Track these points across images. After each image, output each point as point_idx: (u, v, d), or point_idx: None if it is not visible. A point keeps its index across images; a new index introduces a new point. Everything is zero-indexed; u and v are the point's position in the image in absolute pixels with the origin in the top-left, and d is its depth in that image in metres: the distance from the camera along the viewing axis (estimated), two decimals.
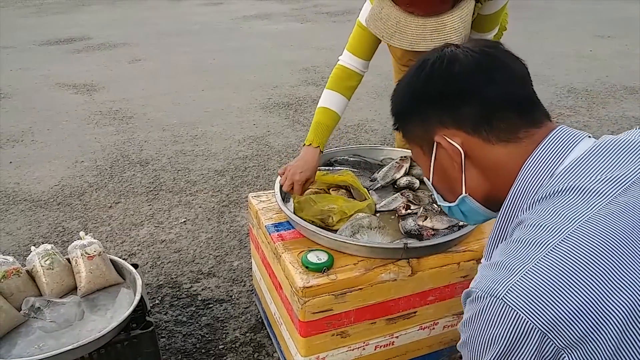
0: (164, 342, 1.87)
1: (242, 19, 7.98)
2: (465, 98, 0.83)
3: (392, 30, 1.51)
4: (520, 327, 0.66)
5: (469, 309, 0.74)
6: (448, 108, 0.84)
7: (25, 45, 6.58)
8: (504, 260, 0.72)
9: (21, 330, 1.49)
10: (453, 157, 0.85)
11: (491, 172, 0.84)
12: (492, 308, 0.69)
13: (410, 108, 0.91)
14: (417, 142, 0.92)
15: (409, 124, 0.92)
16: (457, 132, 0.84)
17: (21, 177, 3.13)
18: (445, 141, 0.85)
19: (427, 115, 0.87)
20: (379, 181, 1.79)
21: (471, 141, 0.83)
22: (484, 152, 0.83)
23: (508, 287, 0.68)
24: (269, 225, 1.58)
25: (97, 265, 1.62)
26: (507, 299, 0.67)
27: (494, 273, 0.71)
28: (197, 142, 3.58)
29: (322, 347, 1.41)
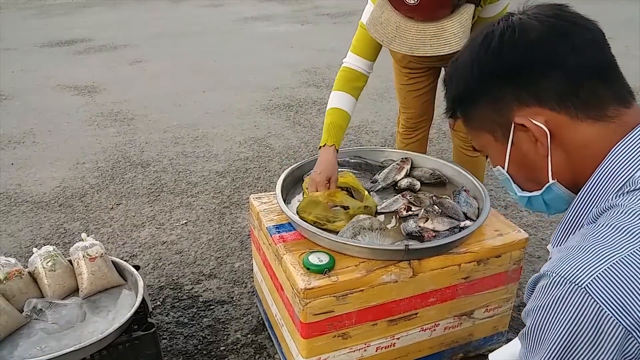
0: (165, 343, 1.87)
1: (243, 21, 7.99)
2: (546, 69, 0.73)
3: (392, 34, 1.52)
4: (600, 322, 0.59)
5: (539, 296, 0.65)
6: (526, 83, 0.74)
7: (27, 46, 6.59)
8: (588, 245, 0.63)
9: (23, 331, 1.49)
10: (538, 138, 0.75)
11: (577, 153, 0.75)
12: (572, 297, 0.61)
13: (477, 88, 0.79)
14: (486, 127, 0.81)
15: (476, 108, 0.81)
16: (540, 109, 0.74)
17: (22, 179, 3.14)
18: (529, 121, 0.74)
19: (501, 94, 0.76)
20: (380, 183, 1.79)
21: (556, 119, 0.74)
22: (571, 131, 0.74)
23: (593, 276, 0.60)
24: (270, 227, 1.58)
25: (98, 266, 1.63)
26: (590, 288, 0.60)
27: (576, 257, 0.63)
28: (198, 144, 3.58)
29: (323, 348, 1.41)
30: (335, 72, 1.83)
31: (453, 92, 0.84)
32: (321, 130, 1.66)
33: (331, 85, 1.83)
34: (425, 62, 2.07)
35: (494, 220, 1.61)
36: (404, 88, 2.20)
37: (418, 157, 1.92)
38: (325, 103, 4.52)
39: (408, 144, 2.31)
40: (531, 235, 2.43)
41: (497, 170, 0.85)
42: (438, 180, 1.80)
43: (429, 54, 1.49)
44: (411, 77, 2.14)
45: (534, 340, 0.67)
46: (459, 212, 1.58)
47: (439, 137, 3.56)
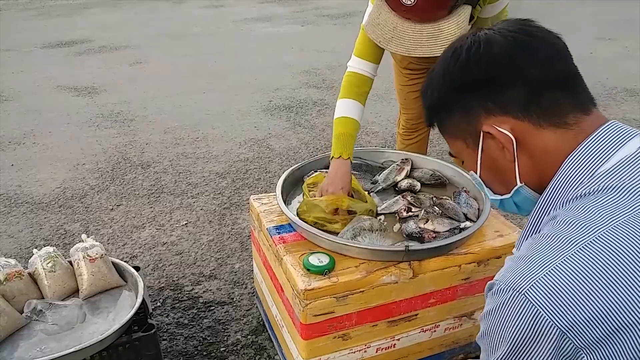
0: (165, 344, 1.87)
1: (243, 22, 7.99)
2: (509, 80, 0.78)
3: (389, 35, 1.52)
4: (539, 324, 0.65)
5: (490, 301, 0.72)
6: (492, 94, 0.80)
7: (27, 47, 6.60)
8: (530, 255, 0.70)
9: (23, 332, 1.49)
10: (505, 145, 0.80)
11: (540, 158, 0.80)
12: (513, 302, 0.67)
13: (448, 100, 0.85)
14: (459, 135, 0.87)
15: (449, 118, 0.87)
16: (505, 118, 0.79)
17: (23, 180, 3.14)
18: (495, 129, 0.80)
19: (470, 105, 0.82)
20: (380, 184, 1.79)
21: (521, 126, 0.79)
22: (534, 137, 0.79)
23: (531, 283, 0.66)
24: (271, 228, 1.58)
25: (98, 267, 1.63)
26: (529, 294, 0.66)
27: (519, 267, 0.69)
28: (199, 145, 3.58)
29: (323, 349, 1.41)
30: (336, 74, 1.84)
31: (428, 102, 0.89)
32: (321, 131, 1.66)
33: (332, 86, 1.84)
34: (426, 63, 2.07)
35: (494, 221, 1.61)
36: (404, 89, 2.20)
37: (418, 158, 1.92)
38: (326, 104, 4.52)
39: (408, 144, 2.31)
40: None
41: (471, 174, 0.92)
42: (438, 181, 1.80)
43: (426, 54, 1.50)
44: (411, 78, 2.14)
45: (489, 341, 0.74)
46: (459, 213, 1.58)
47: (439, 138, 3.56)
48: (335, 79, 4.85)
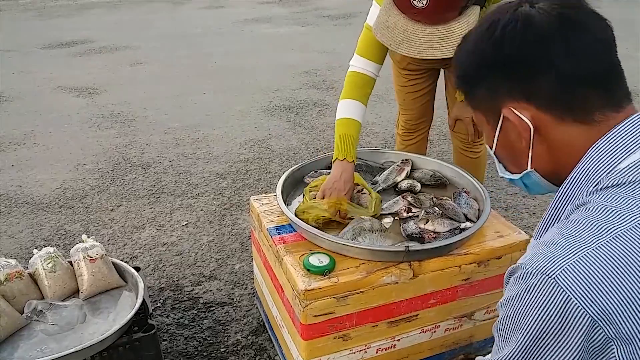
0: (165, 345, 1.87)
1: (244, 23, 7.99)
2: (540, 69, 0.75)
3: (399, 38, 1.52)
4: (568, 311, 0.62)
5: (513, 286, 0.69)
6: (519, 79, 0.77)
7: (28, 48, 6.60)
8: (560, 240, 0.67)
9: (23, 333, 1.49)
10: (521, 132, 0.79)
11: (559, 150, 0.78)
12: (542, 287, 0.64)
13: (477, 74, 0.82)
14: (481, 109, 0.85)
15: (475, 90, 0.85)
16: (528, 105, 0.77)
17: (23, 180, 3.14)
18: (514, 115, 0.78)
19: (496, 85, 0.80)
20: (380, 184, 1.79)
21: (542, 117, 0.77)
22: (555, 130, 0.77)
23: (563, 267, 0.63)
24: (271, 228, 1.58)
25: (99, 268, 1.63)
26: (560, 279, 0.63)
27: (549, 251, 0.66)
28: (199, 145, 3.58)
29: (323, 350, 1.41)
30: (336, 74, 1.84)
31: (457, 71, 0.87)
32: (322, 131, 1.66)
33: (332, 86, 1.84)
34: (425, 64, 2.07)
35: (495, 221, 1.61)
36: (403, 90, 2.20)
37: (418, 158, 1.92)
38: (326, 105, 4.52)
39: (407, 145, 2.31)
40: (531, 236, 2.43)
41: (487, 148, 0.91)
42: (438, 181, 1.81)
43: (437, 56, 1.49)
44: (410, 78, 2.14)
45: (507, 328, 0.70)
46: (459, 214, 1.58)
47: (439, 139, 3.56)
48: (335, 80, 4.85)
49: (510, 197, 2.83)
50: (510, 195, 2.85)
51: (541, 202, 2.76)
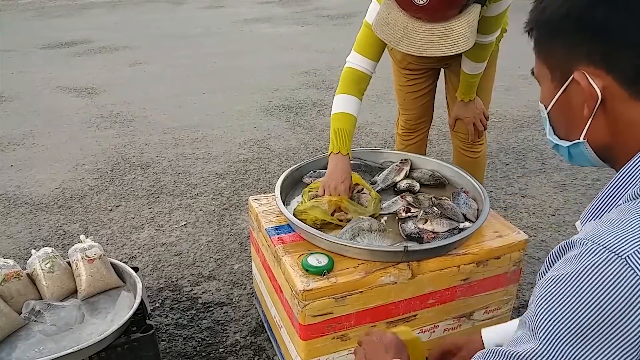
0: (164, 345, 1.87)
1: (243, 22, 7.99)
2: (631, 42, 0.68)
3: (399, 35, 1.52)
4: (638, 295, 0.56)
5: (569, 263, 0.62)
6: (605, 45, 0.70)
7: (27, 48, 6.60)
8: (631, 219, 0.61)
9: (21, 333, 1.49)
10: (587, 99, 0.73)
11: (622, 127, 0.73)
12: (609, 266, 0.58)
13: (559, 26, 0.75)
14: (550, 63, 0.79)
15: (549, 42, 0.78)
16: (604, 74, 0.71)
17: (22, 180, 3.14)
18: (586, 81, 0.72)
19: (577, 43, 0.73)
20: (379, 184, 1.79)
21: (615, 90, 0.71)
22: (624, 107, 0.71)
23: (636, 248, 0.58)
24: (270, 228, 1.58)
25: (97, 268, 1.62)
26: (631, 259, 0.57)
27: (617, 228, 0.61)
28: (198, 145, 3.58)
29: (322, 350, 1.41)
30: (336, 74, 1.84)
31: (536, 14, 0.79)
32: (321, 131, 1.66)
33: (331, 86, 1.84)
34: (425, 64, 2.07)
35: (494, 221, 1.61)
36: (403, 89, 2.20)
37: (417, 158, 1.92)
38: (326, 105, 4.52)
39: (407, 145, 2.31)
40: (531, 236, 2.43)
41: (540, 106, 0.84)
42: (437, 181, 1.80)
43: (437, 54, 1.49)
44: (410, 78, 2.14)
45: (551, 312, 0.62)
46: (458, 214, 1.58)
47: (438, 139, 3.56)
48: (335, 80, 4.84)
49: (509, 197, 2.83)
50: (509, 195, 2.85)
51: (540, 202, 2.76)
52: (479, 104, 2.02)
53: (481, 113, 2.03)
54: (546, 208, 2.71)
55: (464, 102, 2.01)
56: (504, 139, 3.57)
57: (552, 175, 3.05)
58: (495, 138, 3.55)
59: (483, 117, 2.04)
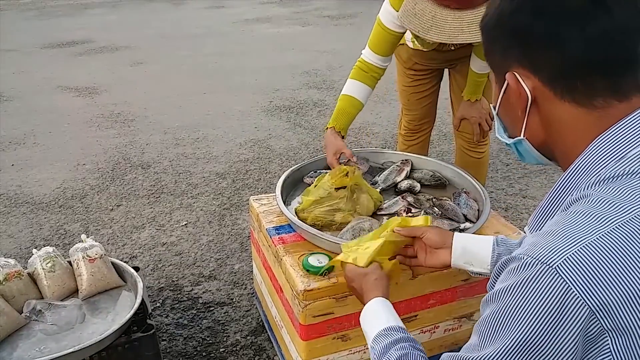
0: (164, 345, 1.87)
1: (244, 22, 8.00)
2: (551, 45, 0.73)
3: (428, 25, 1.53)
4: (568, 302, 0.61)
5: (509, 277, 0.67)
6: (529, 48, 0.76)
7: (28, 48, 6.60)
8: (561, 230, 0.66)
9: (22, 332, 1.49)
10: (519, 99, 0.79)
11: (552, 126, 0.78)
12: (541, 277, 0.63)
13: (494, 31, 0.82)
14: (493, 66, 0.86)
15: (491, 46, 0.84)
16: (532, 76, 0.77)
17: (23, 180, 3.14)
18: (516, 81, 0.78)
19: (509, 48, 0.79)
20: (380, 184, 1.79)
21: (543, 91, 0.76)
22: (552, 106, 0.77)
23: (564, 257, 0.62)
24: (270, 228, 1.58)
25: (98, 268, 1.63)
26: (561, 269, 0.62)
27: (549, 241, 0.65)
28: (199, 145, 3.58)
29: (323, 350, 1.41)
30: (337, 74, 1.87)
31: (481, 22, 0.86)
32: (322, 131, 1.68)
33: (332, 86, 1.86)
34: (431, 64, 2.08)
35: (494, 222, 1.61)
36: (407, 90, 2.20)
37: (418, 158, 1.92)
38: (326, 105, 4.53)
39: (410, 145, 2.31)
40: None
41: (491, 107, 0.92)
42: (438, 182, 1.80)
43: (467, 41, 1.52)
44: (415, 79, 2.14)
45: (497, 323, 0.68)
46: (459, 214, 1.58)
47: (439, 139, 3.56)
48: (335, 80, 4.85)
49: (510, 197, 2.83)
50: (510, 196, 2.85)
51: None
52: (485, 104, 2.02)
53: (487, 113, 2.03)
54: None
55: (471, 102, 2.02)
56: None
57: (553, 176, 3.05)
58: (495, 138, 3.54)
59: (488, 117, 2.04)
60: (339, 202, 1.56)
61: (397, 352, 0.93)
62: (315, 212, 1.54)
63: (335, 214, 1.54)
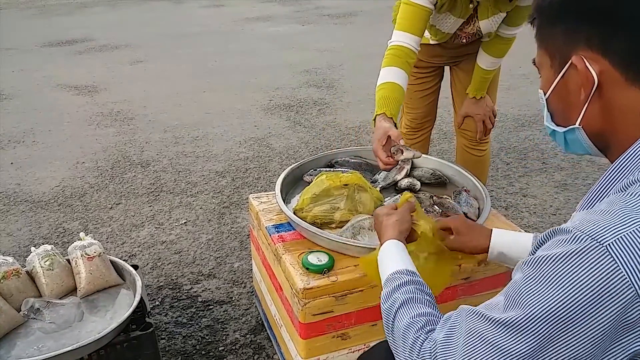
0: (163, 343, 1.86)
1: (244, 21, 7.99)
2: (628, 26, 0.70)
3: None
4: (614, 281, 0.60)
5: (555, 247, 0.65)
6: (603, 29, 0.72)
7: (28, 46, 6.59)
8: (617, 209, 0.64)
9: (20, 331, 1.48)
10: (584, 84, 0.75)
11: (616, 113, 0.75)
12: (591, 252, 0.61)
13: (560, 12, 0.77)
14: (550, 49, 0.80)
15: (551, 26, 0.79)
16: (601, 59, 0.73)
17: (22, 178, 3.13)
18: (583, 65, 0.74)
19: (576, 27, 0.75)
20: (380, 182, 1.78)
21: (612, 75, 0.73)
22: (619, 92, 0.73)
23: (617, 236, 0.61)
24: (270, 227, 1.57)
25: (97, 266, 1.62)
26: (611, 247, 0.61)
27: (603, 219, 0.64)
28: (198, 144, 3.58)
29: (322, 349, 1.40)
30: (336, 73, 1.84)
31: (538, 1, 0.82)
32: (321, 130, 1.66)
33: (332, 85, 1.84)
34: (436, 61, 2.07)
35: (495, 220, 1.60)
36: (410, 88, 2.19)
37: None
38: (326, 103, 4.52)
39: (411, 144, 2.30)
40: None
41: (540, 93, 0.86)
42: (438, 180, 1.80)
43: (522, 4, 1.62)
44: (418, 76, 2.13)
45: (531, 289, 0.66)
46: (459, 213, 1.57)
47: (439, 138, 3.56)
48: (335, 79, 4.85)
49: (510, 196, 2.83)
50: (510, 195, 2.84)
51: (541, 202, 2.76)
52: (489, 102, 2.02)
53: (490, 110, 2.03)
54: (547, 207, 2.71)
55: (475, 100, 2.01)
56: (505, 138, 3.57)
57: (553, 175, 3.04)
58: (496, 137, 3.55)
59: (492, 114, 2.04)
60: (339, 200, 1.55)
61: (403, 296, 0.92)
62: (315, 210, 1.53)
63: (334, 212, 1.54)
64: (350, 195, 1.55)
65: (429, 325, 0.84)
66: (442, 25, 1.87)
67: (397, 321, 0.89)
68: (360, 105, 4.18)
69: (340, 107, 4.19)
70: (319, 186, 1.57)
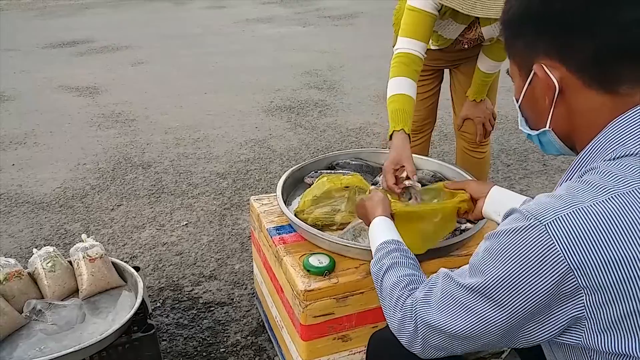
0: (165, 345, 1.87)
1: (245, 23, 7.99)
2: (581, 35, 0.74)
3: (472, 0, 1.54)
4: (549, 256, 0.69)
5: (507, 222, 0.75)
6: (559, 39, 0.77)
7: (29, 47, 6.60)
8: (565, 194, 0.72)
9: (22, 332, 1.49)
10: (546, 90, 0.80)
11: (579, 115, 0.80)
12: (532, 230, 0.70)
13: (520, 23, 0.82)
14: (517, 60, 0.87)
15: (515, 39, 0.85)
16: (559, 66, 0.78)
17: (23, 180, 3.14)
18: (543, 72, 0.79)
19: (535, 38, 0.80)
20: (381, 185, 1.78)
21: (570, 80, 0.78)
22: (579, 95, 0.78)
23: (555, 217, 0.69)
24: (271, 229, 1.58)
25: (98, 267, 1.63)
26: (549, 226, 0.69)
27: (548, 202, 0.72)
28: (199, 145, 3.58)
29: (323, 351, 1.41)
30: (337, 74, 1.84)
31: (503, 15, 0.87)
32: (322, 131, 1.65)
33: (333, 87, 1.84)
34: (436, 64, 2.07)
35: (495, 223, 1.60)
36: None
37: (419, 159, 1.91)
38: (327, 105, 4.52)
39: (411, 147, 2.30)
40: None
41: (514, 100, 0.92)
42: (439, 182, 1.80)
43: None
44: (419, 79, 2.13)
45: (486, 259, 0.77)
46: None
47: (439, 140, 3.56)
48: (336, 80, 4.85)
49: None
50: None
51: None
52: (489, 104, 2.02)
53: (490, 113, 2.03)
54: None
55: (475, 102, 2.01)
56: (505, 140, 3.57)
57: (554, 177, 3.04)
58: (496, 139, 3.55)
59: (492, 117, 2.04)
60: (340, 202, 1.56)
61: (390, 261, 1.03)
62: (316, 212, 1.54)
63: (335, 214, 1.54)
64: (351, 197, 1.55)
65: (412, 284, 0.96)
66: (444, 31, 1.88)
67: (384, 281, 1.01)
68: (361, 107, 4.18)
69: (341, 109, 4.20)
70: (320, 188, 1.57)
